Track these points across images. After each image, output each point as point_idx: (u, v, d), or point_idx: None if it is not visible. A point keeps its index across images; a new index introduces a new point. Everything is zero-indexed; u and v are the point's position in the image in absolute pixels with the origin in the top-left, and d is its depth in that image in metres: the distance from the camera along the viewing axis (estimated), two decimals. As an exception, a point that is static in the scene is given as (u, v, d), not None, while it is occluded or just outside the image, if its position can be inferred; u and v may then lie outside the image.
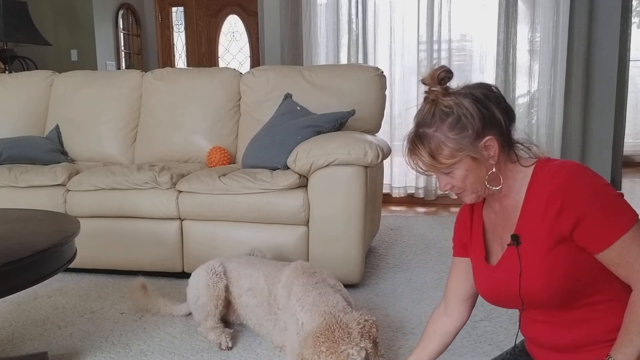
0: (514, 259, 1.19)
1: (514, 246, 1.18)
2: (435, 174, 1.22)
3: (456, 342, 2.03)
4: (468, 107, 1.14)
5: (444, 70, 1.17)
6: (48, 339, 2.13)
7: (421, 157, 1.18)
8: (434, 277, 2.77)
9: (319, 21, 4.74)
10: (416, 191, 4.71)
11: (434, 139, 1.15)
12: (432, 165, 1.17)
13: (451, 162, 1.16)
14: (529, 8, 4.41)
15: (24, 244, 1.65)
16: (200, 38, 6.63)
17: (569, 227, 1.09)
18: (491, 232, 1.30)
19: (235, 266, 2.14)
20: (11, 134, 3.43)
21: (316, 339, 1.70)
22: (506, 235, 1.22)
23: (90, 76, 3.64)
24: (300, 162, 2.49)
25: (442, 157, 1.15)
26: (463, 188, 1.21)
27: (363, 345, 1.68)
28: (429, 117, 1.17)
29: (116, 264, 2.80)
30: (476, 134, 1.14)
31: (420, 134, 1.17)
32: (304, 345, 1.73)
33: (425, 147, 1.16)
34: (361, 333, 1.69)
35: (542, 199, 1.13)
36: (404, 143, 1.22)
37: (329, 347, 1.66)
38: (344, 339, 1.68)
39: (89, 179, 2.79)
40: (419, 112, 1.20)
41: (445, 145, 1.15)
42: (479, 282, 1.34)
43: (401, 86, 4.66)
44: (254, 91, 3.25)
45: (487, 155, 1.16)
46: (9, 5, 4.92)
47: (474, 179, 1.18)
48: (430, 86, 1.18)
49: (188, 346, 2.05)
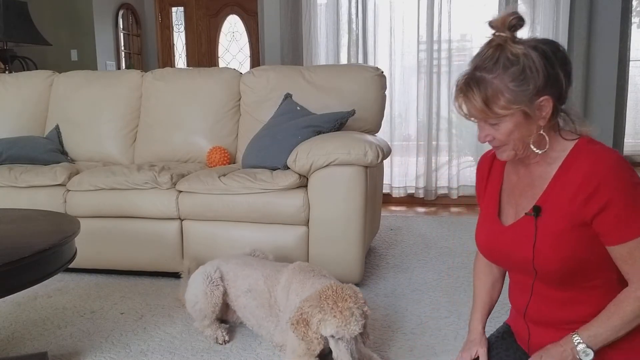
0: (530, 229, 1.17)
1: (533, 217, 1.17)
2: (478, 122, 1.17)
3: (456, 342, 2.03)
4: (535, 60, 1.09)
5: (517, 17, 1.11)
6: (48, 339, 2.13)
7: (473, 101, 1.12)
8: (434, 277, 2.77)
9: (319, 21, 4.75)
10: (416, 191, 4.71)
11: (492, 86, 1.09)
12: (482, 112, 1.12)
13: (504, 113, 1.10)
14: (529, 8, 4.41)
15: (24, 244, 1.64)
16: (200, 38, 6.63)
17: (593, 212, 1.09)
18: (507, 192, 1.28)
19: (232, 267, 2.14)
20: (11, 134, 3.43)
21: (322, 293, 1.72)
22: (523, 202, 1.21)
23: (90, 76, 3.64)
24: (300, 162, 2.49)
25: (496, 106, 1.10)
26: (504, 142, 1.16)
27: (366, 309, 1.71)
28: (490, 62, 1.10)
29: (116, 264, 2.80)
30: (536, 90, 1.09)
31: (478, 77, 1.11)
32: (306, 300, 1.74)
33: (480, 92, 1.10)
34: (365, 302, 1.72)
35: (576, 179, 1.11)
36: (457, 82, 1.15)
37: (335, 302, 1.68)
38: (351, 296, 1.70)
39: (89, 179, 2.79)
40: (478, 55, 1.14)
41: (503, 95, 1.09)
42: (483, 234, 1.33)
43: (401, 86, 4.66)
44: (254, 91, 3.25)
45: (539, 115, 1.12)
46: (9, 5, 4.92)
47: (519, 135, 1.14)
48: (498, 30, 1.12)
49: (188, 346, 2.05)
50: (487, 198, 1.33)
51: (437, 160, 4.66)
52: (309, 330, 1.71)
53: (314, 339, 1.70)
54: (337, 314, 1.66)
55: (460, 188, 4.67)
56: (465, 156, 4.69)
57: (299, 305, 1.76)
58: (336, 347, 1.70)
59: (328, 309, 1.67)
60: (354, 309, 1.68)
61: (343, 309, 1.67)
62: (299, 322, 1.72)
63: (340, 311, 1.66)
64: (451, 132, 4.65)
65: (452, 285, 2.64)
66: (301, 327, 1.72)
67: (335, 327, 1.66)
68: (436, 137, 4.63)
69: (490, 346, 1.40)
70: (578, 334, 1.13)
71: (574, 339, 1.14)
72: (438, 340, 2.05)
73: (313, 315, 1.70)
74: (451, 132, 4.65)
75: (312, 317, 1.70)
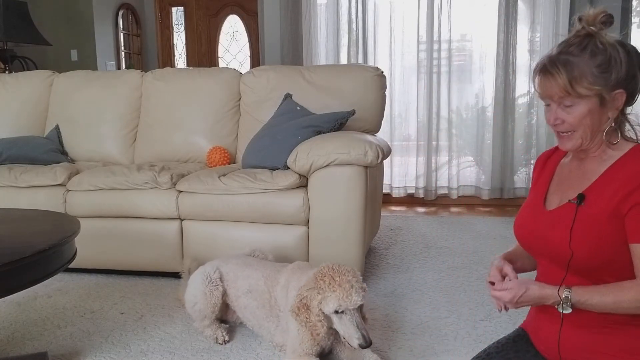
0: (570, 214, 1.21)
1: (575, 204, 1.21)
2: (551, 104, 1.22)
3: (456, 342, 2.03)
4: (621, 53, 1.15)
5: (607, 15, 1.17)
6: (48, 339, 2.13)
7: (558, 79, 1.16)
8: (434, 277, 2.77)
9: (319, 21, 4.75)
10: (416, 191, 4.71)
11: (578, 68, 1.15)
12: (564, 90, 1.16)
13: (585, 93, 1.15)
14: (529, 8, 4.41)
15: (24, 244, 1.64)
16: (200, 38, 6.63)
17: (628, 207, 1.13)
18: (556, 183, 1.33)
19: (232, 268, 2.14)
20: (11, 134, 3.43)
21: (317, 274, 1.74)
22: (570, 192, 1.25)
23: (90, 76, 3.64)
24: (300, 162, 2.49)
25: (579, 86, 1.15)
26: (574, 128, 1.20)
27: (364, 285, 1.73)
28: (577, 48, 1.16)
29: (116, 264, 2.80)
30: (616, 82, 1.15)
31: (564, 59, 1.17)
32: (304, 286, 1.76)
33: (567, 72, 1.15)
34: (362, 279, 1.74)
35: (622, 175, 1.16)
36: (538, 63, 1.21)
37: (332, 277, 1.70)
38: (349, 271, 1.73)
39: (89, 179, 2.79)
40: (564, 42, 1.20)
41: (587, 77, 1.14)
42: (522, 218, 1.36)
43: (401, 86, 4.66)
44: (254, 91, 3.25)
45: (612, 106, 1.17)
46: (9, 5, 4.92)
47: (589, 122, 1.18)
48: (588, 24, 1.17)
49: (188, 346, 2.05)
50: (536, 188, 1.38)
51: (437, 160, 4.66)
52: (311, 314, 1.71)
53: (316, 322, 1.71)
54: (337, 288, 1.68)
55: (460, 188, 4.67)
56: (465, 156, 4.69)
57: (298, 292, 1.77)
58: (340, 323, 1.70)
59: (326, 287, 1.69)
60: (353, 282, 1.70)
61: (341, 282, 1.68)
62: (299, 308, 1.73)
63: (339, 284, 1.68)
64: (451, 132, 4.65)
65: (452, 285, 2.64)
66: (302, 313, 1.72)
67: (337, 301, 1.67)
68: (436, 137, 4.63)
69: (500, 348, 1.40)
70: (571, 290, 1.17)
71: (563, 292, 1.17)
72: (438, 340, 2.06)
73: (313, 298, 1.71)
74: (451, 132, 4.65)
75: (311, 300, 1.71)
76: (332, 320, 1.73)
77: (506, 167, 4.54)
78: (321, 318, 1.71)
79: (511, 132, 4.51)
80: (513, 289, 1.21)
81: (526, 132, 4.53)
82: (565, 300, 1.17)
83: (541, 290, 1.21)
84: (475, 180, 4.66)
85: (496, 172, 4.53)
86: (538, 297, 1.21)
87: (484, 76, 4.51)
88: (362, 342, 1.66)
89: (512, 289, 1.21)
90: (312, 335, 1.73)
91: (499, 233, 3.60)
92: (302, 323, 1.73)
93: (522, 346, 1.38)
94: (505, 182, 4.56)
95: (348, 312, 1.69)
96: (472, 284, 2.66)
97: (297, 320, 1.75)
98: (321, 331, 1.71)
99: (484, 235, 3.55)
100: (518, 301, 1.21)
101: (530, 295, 1.21)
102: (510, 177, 4.56)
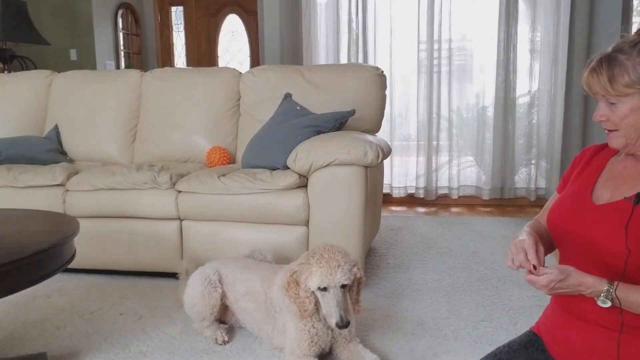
0: (625, 212, 1.18)
1: (632, 202, 1.19)
2: (599, 101, 1.23)
3: (456, 342, 2.03)
4: None
5: None
6: (47, 340, 2.13)
7: (599, 77, 1.18)
8: (434, 277, 2.77)
9: (319, 21, 4.74)
10: (416, 191, 4.70)
11: (621, 66, 1.16)
12: (604, 88, 1.18)
13: (625, 91, 1.16)
14: (530, 8, 4.40)
15: (23, 244, 1.64)
16: (199, 37, 6.62)
17: None
18: (607, 177, 1.30)
19: (232, 270, 2.13)
20: (10, 133, 3.42)
21: (310, 252, 1.77)
22: (623, 188, 1.23)
23: (89, 76, 3.63)
24: (300, 162, 2.48)
25: (618, 83, 1.16)
26: (618, 126, 1.21)
27: (356, 271, 1.74)
28: (628, 46, 1.17)
29: (116, 264, 2.80)
30: None
31: (612, 56, 1.18)
32: (295, 262, 1.79)
33: (609, 70, 1.17)
34: (356, 264, 1.76)
35: None
36: (591, 58, 1.23)
37: (321, 255, 1.72)
38: (340, 252, 1.75)
39: (88, 179, 2.78)
40: (622, 39, 1.21)
41: (628, 73, 1.15)
42: (559, 210, 1.33)
43: (401, 86, 4.65)
44: (253, 91, 3.25)
45: None
46: (8, 5, 4.91)
47: (633, 121, 1.18)
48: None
49: (187, 347, 2.05)
50: (580, 180, 1.34)
51: (438, 160, 4.65)
52: (300, 290, 1.73)
53: (304, 299, 1.72)
54: (323, 264, 1.69)
55: (461, 188, 4.67)
56: (466, 156, 4.68)
57: (289, 268, 1.78)
58: (323, 300, 1.71)
59: (314, 262, 1.71)
60: (342, 262, 1.71)
61: (329, 259, 1.70)
62: (289, 283, 1.75)
63: (326, 261, 1.70)
64: (451, 132, 4.64)
65: (453, 286, 2.64)
66: (292, 288, 1.74)
67: (320, 277, 1.68)
68: (436, 137, 4.62)
69: (512, 354, 1.37)
70: (618, 286, 1.14)
71: (605, 285, 1.15)
72: (438, 341, 2.05)
73: (302, 273, 1.73)
74: (451, 132, 4.64)
75: (300, 275, 1.73)
76: (318, 298, 1.74)
77: (507, 167, 4.54)
78: (308, 294, 1.72)
79: (512, 132, 4.51)
80: (552, 274, 1.17)
81: (527, 132, 4.52)
82: (607, 293, 1.14)
83: (582, 278, 1.17)
84: (475, 180, 4.65)
85: (497, 172, 4.52)
86: (577, 284, 1.17)
87: (484, 76, 4.50)
88: (339, 321, 1.67)
89: (551, 274, 1.17)
90: (300, 311, 1.74)
91: (500, 233, 3.59)
92: (292, 299, 1.75)
93: (534, 353, 1.35)
94: (506, 182, 4.56)
95: (331, 290, 1.70)
96: (472, 284, 2.66)
97: (287, 296, 1.76)
98: (308, 307, 1.73)
99: (484, 236, 3.54)
100: (554, 287, 1.17)
101: (569, 282, 1.16)
102: (511, 177, 4.56)
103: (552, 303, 1.38)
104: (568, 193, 1.36)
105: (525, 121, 4.52)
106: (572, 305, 1.27)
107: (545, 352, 1.34)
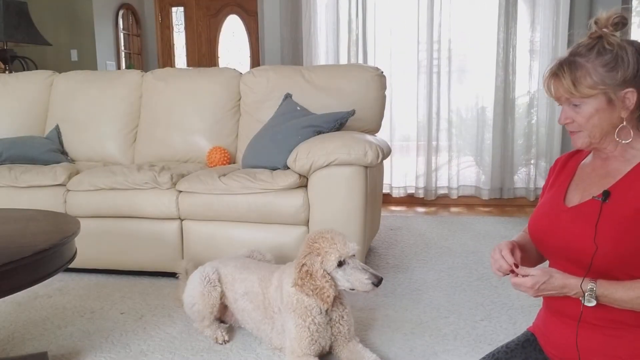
0: (594, 211, 1.20)
1: (600, 200, 1.20)
2: (562, 105, 1.24)
3: (455, 342, 2.04)
4: (629, 53, 1.16)
5: (621, 16, 1.19)
6: (48, 339, 2.13)
7: (562, 80, 1.20)
8: (434, 277, 2.77)
9: (319, 21, 4.74)
10: (416, 191, 4.71)
11: (582, 68, 1.18)
12: (568, 91, 1.19)
13: (589, 92, 1.17)
14: (529, 8, 4.41)
15: (24, 244, 1.64)
16: (200, 38, 6.63)
17: None
18: (578, 181, 1.32)
19: (231, 270, 2.14)
20: (11, 134, 3.43)
21: (307, 242, 1.81)
22: (592, 189, 1.25)
23: (90, 76, 3.64)
24: (300, 162, 2.49)
25: (582, 85, 1.17)
26: (582, 127, 1.22)
27: (358, 249, 1.79)
28: (585, 49, 1.19)
29: (116, 264, 2.81)
30: (623, 81, 1.16)
31: (571, 60, 1.20)
32: (298, 258, 1.81)
33: (571, 73, 1.18)
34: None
35: None
36: (549, 66, 1.24)
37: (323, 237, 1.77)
38: (332, 230, 1.81)
39: (89, 179, 2.79)
40: (577, 43, 1.23)
41: (590, 76, 1.17)
42: (538, 216, 1.35)
43: (401, 86, 4.66)
44: (254, 91, 3.25)
45: (622, 106, 1.18)
46: (8, 5, 4.92)
47: (597, 122, 1.20)
48: (601, 26, 1.20)
49: (188, 346, 2.05)
50: (554, 188, 1.37)
51: (437, 160, 4.66)
52: (316, 279, 1.74)
53: (324, 284, 1.74)
54: (332, 243, 1.74)
55: (460, 188, 4.67)
56: (465, 156, 4.68)
57: (295, 264, 1.80)
58: (345, 274, 1.75)
59: (322, 246, 1.75)
60: (342, 235, 1.78)
61: (333, 237, 1.76)
62: (302, 278, 1.76)
63: (332, 240, 1.75)
64: (451, 132, 4.65)
65: (452, 285, 2.64)
66: (307, 282, 1.75)
67: (336, 252, 1.73)
68: (436, 137, 4.63)
69: (509, 354, 1.38)
70: (596, 284, 1.16)
71: (588, 285, 1.16)
72: (438, 340, 2.06)
73: (314, 262, 1.75)
74: (451, 132, 4.65)
75: (313, 264, 1.75)
76: (335, 277, 1.76)
77: (506, 167, 4.54)
78: (328, 278, 1.75)
79: (511, 132, 4.51)
80: (536, 275, 1.19)
81: (526, 132, 4.53)
82: (590, 292, 1.15)
83: (565, 280, 1.19)
84: (475, 180, 4.66)
85: (496, 172, 4.53)
86: (561, 286, 1.19)
87: (483, 76, 4.51)
88: (374, 280, 1.71)
89: (535, 276, 1.19)
90: (323, 299, 1.75)
91: (499, 233, 3.60)
92: (310, 293, 1.76)
93: (531, 353, 1.36)
94: (505, 182, 4.56)
95: (349, 261, 1.74)
96: (472, 284, 2.66)
97: (303, 291, 1.77)
98: (330, 292, 1.75)
99: (483, 235, 3.55)
100: (539, 288, 1.19)
101: (553, 284, 1.18)
102: (510, 177, 4.57)
103: (543, 304, 1.40)
104: (544, 201, 1.39)
105: (525, 121, 4.52)
106: (556, 303, 1.30)
107: (542, 352, 1.36)
